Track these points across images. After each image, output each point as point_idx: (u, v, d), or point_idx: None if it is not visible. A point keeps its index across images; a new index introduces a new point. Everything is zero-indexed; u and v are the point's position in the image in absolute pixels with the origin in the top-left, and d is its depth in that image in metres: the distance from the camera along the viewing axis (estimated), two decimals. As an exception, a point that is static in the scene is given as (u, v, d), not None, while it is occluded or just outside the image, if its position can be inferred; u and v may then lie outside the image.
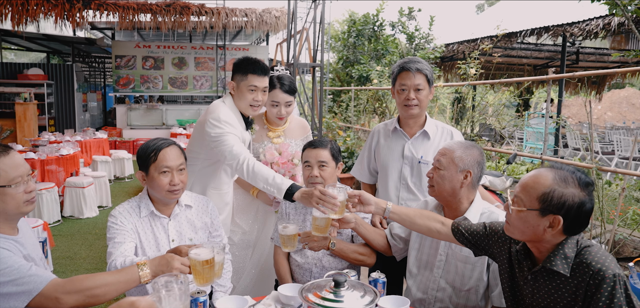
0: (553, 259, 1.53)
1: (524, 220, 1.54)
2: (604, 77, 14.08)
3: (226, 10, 11.84)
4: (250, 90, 2.52)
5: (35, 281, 1.51)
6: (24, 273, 1.51)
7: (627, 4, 3.95)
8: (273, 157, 2.67)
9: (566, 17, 8.69)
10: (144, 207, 2.11)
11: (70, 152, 7.10)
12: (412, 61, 2.44)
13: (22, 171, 1.64)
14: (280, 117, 2.78)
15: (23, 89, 12.37)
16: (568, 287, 1.51)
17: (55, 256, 4.86)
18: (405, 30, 10.73)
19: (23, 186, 1.64)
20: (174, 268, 1.64)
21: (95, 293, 1.56)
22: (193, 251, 1.67)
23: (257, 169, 2.29)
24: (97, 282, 1.58)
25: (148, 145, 2.09)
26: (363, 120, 9.36)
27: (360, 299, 1.56)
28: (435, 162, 2.06)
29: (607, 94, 21.36)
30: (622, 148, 9.74)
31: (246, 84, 2.52)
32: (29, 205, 1.68)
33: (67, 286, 1.54)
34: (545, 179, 1.51)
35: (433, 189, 2.06)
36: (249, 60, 2.55)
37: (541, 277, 1.58)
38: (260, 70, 2.52)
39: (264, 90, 2.56)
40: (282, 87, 2.72)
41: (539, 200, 1.50)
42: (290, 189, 2.20)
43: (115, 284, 1.60)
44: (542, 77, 4.90)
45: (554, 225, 1.50)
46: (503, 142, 11.10)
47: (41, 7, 10.18)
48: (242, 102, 2.56)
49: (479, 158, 2.04)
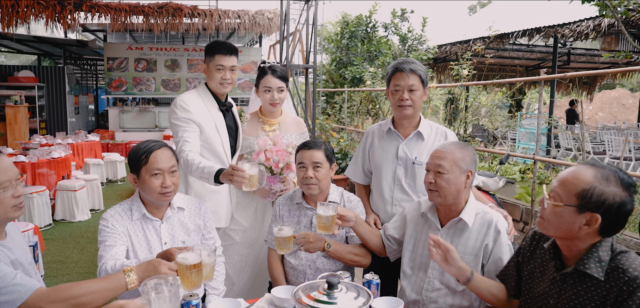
0: (586, 261, 1.49)
1: (560, 216, 1.50)
2: (595, 77, 14.21)
3: (219, 12, 11.80)
4: (218, 70, 2.64)
5: (20, 290, 1.48)
6: (8, 283, 1.48)
7: (616, 6, 3.99)
8: (265, 144, 2.68)
9: (557, 18, 8.76)
10: (135, 209, 2.09)
11: (62, 155, 7.04)
12: (406, 62, 2.44)
13: (10, 175, 1.62)
14: (273, 103, 2.82)
15: (14, 92, 12.25)
16: (599, 291, 1.47)
17: (46, 260, 4.80)
18: (398, 32, 10.76)
19: (11, 191, 1.62)
20: (161, 272, 1.61)
21: (81, 301, 1.54)
22: (180, 255, 1.64)
23: (190, 159, 2.41)
24: (82, 290, 1.55)
25: (139, 147, 2.07)
26: (356, 122, 9.37)
27: (353, 301, 1.55)
28: (434, 167, 2.01)
29: (598, 94, 21.57)
30: (613, 148, 9.83)
31: (214, 64, 2.64)
32: (16, 211, 1.65)
33: (51, 295, 1.51)
34: (585, 175, 1.47)
35: (436, 194, 2.01)
36: (216, 42, 2.68)
37: (570, 279, 1.54)
38: (227, 50, 2.64)
39: (232, 68, 2.68)
40: (274, 73, 2.80)
41: (578, 196, 1.46)
42: (217, 174, 2.32)
43: (102, 292, 1.58)
44: (534, 78, 4.93)
45: (591, 223, 1.46)
46: (496, 143, 11.15)
47: (32, 8, 10.08)
48: (212, 82, 2.68)
49: (475, 157, 2.06)
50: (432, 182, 2.00)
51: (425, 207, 2.17)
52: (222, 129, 2.69)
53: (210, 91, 2.72)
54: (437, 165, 1.99)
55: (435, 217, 2.11)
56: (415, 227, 2.20)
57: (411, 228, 2.21)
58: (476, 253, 2.00)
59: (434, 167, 2.00)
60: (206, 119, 2.63)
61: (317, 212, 2.05)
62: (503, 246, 1.98)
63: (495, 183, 4.25)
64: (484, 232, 2.00)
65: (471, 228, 2.02)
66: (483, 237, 2.00)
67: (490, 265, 1.99)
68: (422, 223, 2.18)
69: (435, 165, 2.00)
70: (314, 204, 2.39)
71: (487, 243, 1.99)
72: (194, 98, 2.65)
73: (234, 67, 2.68)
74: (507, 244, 2.00)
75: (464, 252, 2.01)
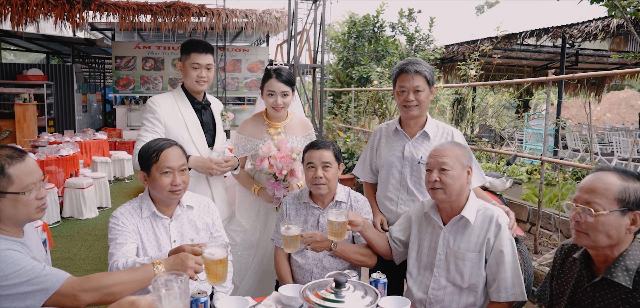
0: (614, 271, 1.49)
1: (607, 224, 1.49)
2: (603, 78, 14.10)
3: (226, 11, 11.83)
4: (194, 68, 2.66)
5: (51, 280, 1.53)
6: (38, 273, 1.52)
7: (626, 6, 3.96)
8: (269, 150, 2.66)
9: (565, 18, 8.71)
10: (145, 207, 2.11)
11: (70, 153, 7.10)
12: (411, 62, 2.44)
13: (35, 177, 1.64)
14: (275, 108, 2.76)
15: (22, 90, 12.35)
16: (630, 302, 1.46)
17: (54, 257, 4.85)
18: (405, 32, 10.74)
19: (35, 192, 1.64)
20: (189, 267, 1.66)
21: (112, 291, 1.59)
22: (207, 251, 1.69)
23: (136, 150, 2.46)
24: (113, 280, 1.61)
25: (150, 145, 2.09)
26: (363, 121, 9.37)
27: (361, 299, 1.56)
28: (437, 165, 2.02)
29: (606, 95, 21.39)
30: (622, 149, 9.76)
31: (190, 62, 2.66)
32: (39, 212, 1.68)
33: (84, 284, 1.56)
34: (612, 179, 1.49)
35: (442, 192, 2.02)
36: (192, 41, 2.68)
37: (601, 289, 1.54)
38: (202, 48, 2.67)
39: (207, 67, 2.69)
40: (279, 77, 2.73)
41: (617, 200, 1.47)
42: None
43: (131, 283, 1.63)
44: (542, 79, 4.91)
45: (636, 221, 1.47)
46: (503, 144, 11.11)
47: (41, 7, 10.17)
48: (188, 81, 2.70)
49: (470, 155, 2.11)
50: (437, 180, 2.02)
51: (428, 206, 2.18)
52: (193, 126, 2.72)
53: (185, 91, 2.77)
54: (441, 163, 2.01)
55: (438, 216, 2.13)
56: (419, 228, 2.21)
57: (415, 229, 2.22)
58: (479, 249, 2.02)
59: (438, 165, 2.02)
60: (174, 118, 2.68)
61: (329, 218, 2.06)
62: (504, 240, 2.00)
63: (502, 184, 4.24)
64: (485, 227, 2.03)
65: (473, 225, 2.04)
66: (485, 233, 2.02)
67: (491, 259, 2.01)
68: (425, 223, 2.19)
69: (438, 163, 2.02)
70: (321, 204, 2.40)
71: (488, 237, 2.01)
72: (165, 98, 2.72)
73: (209, 65, 2.70)
74: (508, 239, 2.02)
75: (467, 248, 2.03)
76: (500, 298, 1.97)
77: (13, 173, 1.57)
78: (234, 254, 2.85)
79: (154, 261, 1.68)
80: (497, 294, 1.98)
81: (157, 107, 2.65)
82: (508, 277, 1.97)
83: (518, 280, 1.98)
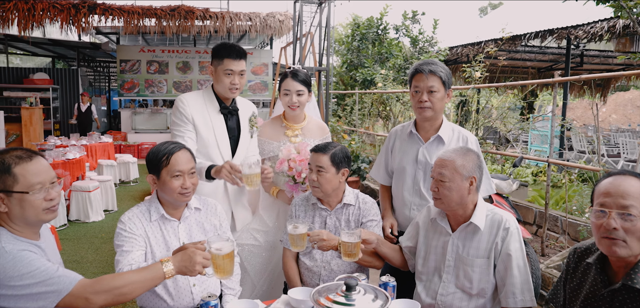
0: (634, 276, 1.44)
1: None
2: (609, 79, 14.05)
3: (230, 14, 11.87)
4: (227, 74, 2.56)
5: (64, 281, 1.55)
6: (52, 274, 1.54)
7: (632, 6, 3.95)
8: (289, 153, 2.67)
9: (570, 19, 8.68)
10: (154, 210, 2.13)
11: (77, 156, 7.14)
12: (426, 63, 2.42)
13: (43, 178, 1.65)
14: (291, 106, 2.77)
15: (29, 94, 12.45)
16: None
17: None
18: (409, 34, 10.74)
19: (43, 193, 1.65)
20: (197, 263, 1.68)
21: (123, 292, 1.61)
22: (214, 246, 1.72)
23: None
24: (124, 281, 1.63)
25: (159, 149, 2.10)
26: (367, 124, 9.37)
27: (371, 303, 1.56)
28: (436, 175, 2.02)
29: (611, 96, 21.28)
30: (628, 150, 9.71)
31: (222, 68, 2.56)
32: (49, 214, 1.68)
33: (95, 286, 1.58)
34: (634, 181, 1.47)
35: (440, 202, 2.03)
36: (224, 45, 2.59)
37: (619, 296, 1.48)
38: (236, 54, 2.56)
39: (241, 73, 2.60)
40: (294, 77, 2.76)
41: None
42: (208, 169, 2.45)
43: (141, 282, 1.65)
44: (547, 80, 4.89)
45: None
46: (508, 145, 11.07)
47: (47, 12, 10.26)
48: (220, 86, 2.62)
49: (478, 162, 2.05)
50: (436, 190, 2.02)
51: (434, 212, 2.17)
52: (219, 130, 2.66)
53: (215, 94, 2.69)
54: (438, 174, 2.01)
55: (446, 223, 2.11)
56: (426, 233, 2.20)
57: (423, 235, 2.21)
58: (488, 255, 2.01)
59: (436, 175, 2.02)
60: (203, 119, 2.62)
61: (342, 238, 2.05)
62: (512, 243, 1.97)
63: (508, 186, 4.23)
64: (494, 232, 2.01)
65: (482, 231, 2.02)
66: (493, 238, 2.01)
67: (499, 264, 1.99)
68: (432, 229, 2.18)
69: (437, 174, 2.02)
70: (328, 205, 2.41)
71: (496, 242, 2.00)
72: (194, 97, 2.64)
73: (242, 72, 2.61)
74: (517, 242, 1.99)
75: (476, 254, 2.02)
76: (509, 304, 1.95)
77: (18, 173, 1.59)
78: (258, 255, 2.81)
79: (162, 259, 1.70)
80: (506, 300, 1.96)
81: (185, 106, 2.58)
82: (517, 282, 1.93)
83: (527, 285, 1.95)
